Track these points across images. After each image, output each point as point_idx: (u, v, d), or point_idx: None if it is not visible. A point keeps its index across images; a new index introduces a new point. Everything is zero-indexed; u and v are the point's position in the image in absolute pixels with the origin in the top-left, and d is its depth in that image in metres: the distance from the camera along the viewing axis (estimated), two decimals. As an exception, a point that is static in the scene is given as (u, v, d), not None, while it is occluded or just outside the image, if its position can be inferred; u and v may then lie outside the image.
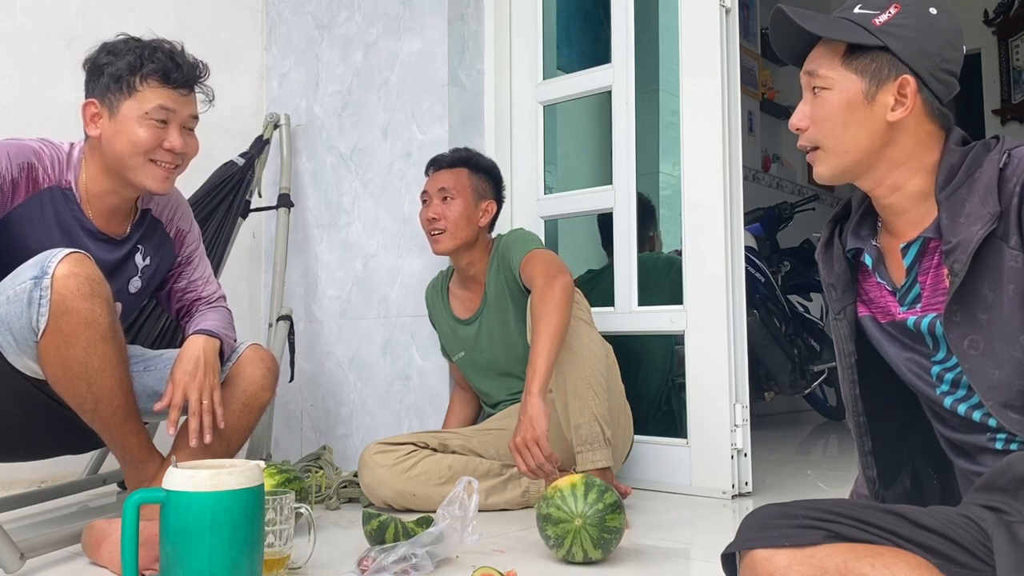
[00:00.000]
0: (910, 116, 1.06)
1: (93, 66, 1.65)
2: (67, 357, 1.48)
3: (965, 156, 1.06)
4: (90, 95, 1.65)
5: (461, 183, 2.26)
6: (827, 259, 1.20)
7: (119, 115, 1.62)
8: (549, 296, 1.95)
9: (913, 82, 1.05)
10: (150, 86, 1.63)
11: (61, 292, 1.44)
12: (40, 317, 1.45)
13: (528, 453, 1.81)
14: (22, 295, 1.46)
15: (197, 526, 1.22)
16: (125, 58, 1.63)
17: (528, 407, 1.84)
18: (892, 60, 1.06)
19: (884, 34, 1.06)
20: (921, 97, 1.06)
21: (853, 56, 1.08)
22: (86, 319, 1.47)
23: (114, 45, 1.66)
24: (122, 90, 1.62)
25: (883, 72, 1.06)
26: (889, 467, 1.20)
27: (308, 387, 2.87)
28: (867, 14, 1.08)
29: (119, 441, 1.61)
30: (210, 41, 2.94)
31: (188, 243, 1.88)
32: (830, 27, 1.09)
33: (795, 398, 4.32)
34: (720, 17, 2.32)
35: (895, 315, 1.12)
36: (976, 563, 0.93)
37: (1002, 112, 5.50)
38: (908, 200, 1.09)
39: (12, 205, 1.58)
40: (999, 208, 1.00)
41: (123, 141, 1.63)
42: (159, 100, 1.63)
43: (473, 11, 2.69)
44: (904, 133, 1.07)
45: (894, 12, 1.07)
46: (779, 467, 2.85)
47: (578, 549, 1.54)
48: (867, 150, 1.08)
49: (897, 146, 1.08)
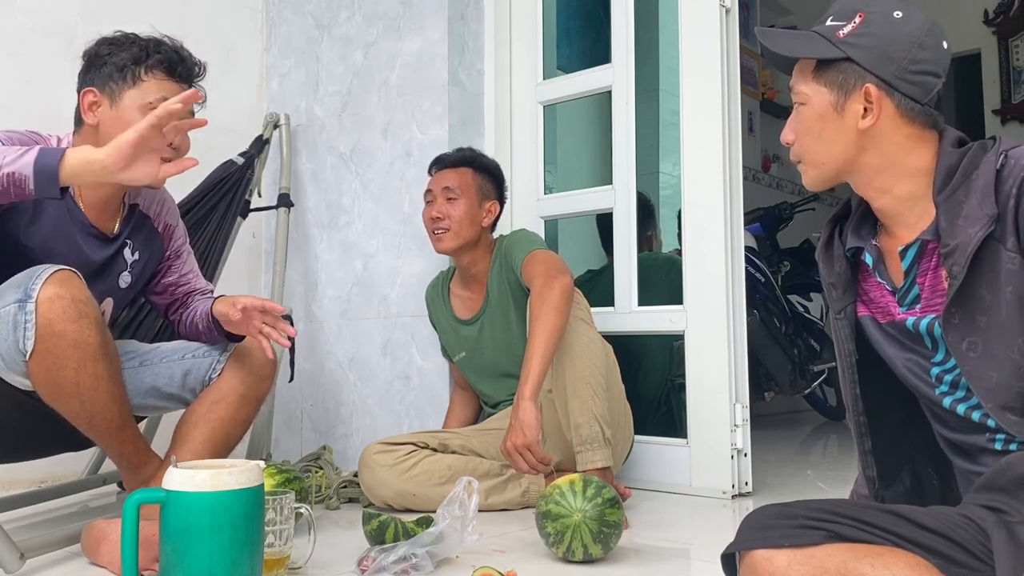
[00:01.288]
0: (883, 121, 1.08)
1: (94, 56, 1.65)
2: (57, 377, 1.47)
3: (962, 157, 1.06)
4: (88, 84, 1.64)
5: (465, 183, 2.26)
6: (827, 258, 1.20)
7: (121, 104, 1.62)
8: (547, 297, 1.96)
9: (875, 89, 1.06)
10: (155, 77, 1.64)
11: (47, 316, 1.43)
12: (27, 340, 1.44)
13: (519, 457, 1.84)
14: (7, 318, 1.44)
15: (197, 526, 1.22)
16: (130, 49, 1.63)
17: (520, 411, 1.85)
18: (856, 69, 1.08)
19: (846, 45, 1.08)
20: (892, 102, 1.07)
21: (822, 70, 1.10)
22: (74, 341, 1.46)
23: (115, 39, 1.66)
24: (125, 79, 1.62)
25: (849, 82, 1.08)
26: (889, 467, 1.20)
27: (308, 387, 2.87)
28: (834, 26, 1.10)
29: (115, 449, 1.62)
30: (210, 41, 2.93)
31: (176, 237, 1.88)
32: (797, 45, 1.13)
33: (795, 398, 4.32)
34: (720, 17, 2.32)
35: (895, 315, 1.13)
36: (976, 563, 0.93)
37: (1002, 112, 5.50)
38: (899, 203, 1.10)
39: None
40: (996, 210, 1.00)
41: (123, 129, 1.61)
42: (162, 91, 1.63)
43: (473, 11, 2.69)
44: (880, 138, 1.08)
45: (858, 22, 1.08)
46: (779, 467, 2.85)
47: (578, 545, 1.54)
48: (843, 159, 1.11)
49: (875, 151, 1.09)
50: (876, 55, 1.06)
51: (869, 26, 1.07)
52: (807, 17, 4.74)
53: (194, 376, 1.74)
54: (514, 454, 1.84)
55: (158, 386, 1.75)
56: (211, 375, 1.73)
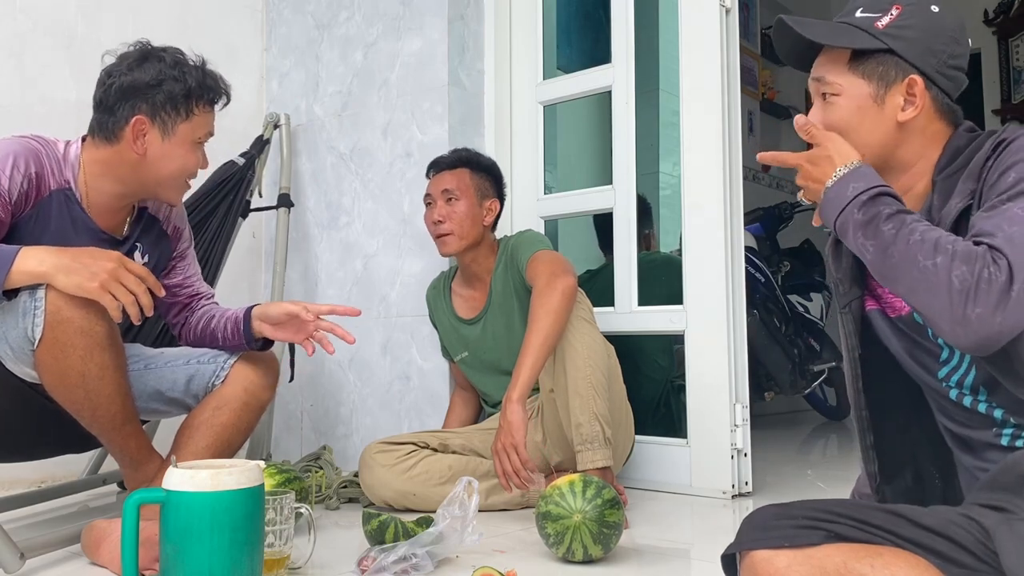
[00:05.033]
0: (921, 115, 1.08)
1: (142, 84, 1.59)
2: (64, 366, 1.48)
3: (970, 142, 1.07)
4: (136, 111, 1.59)
5: (464, 183, 2.26)
6: (836, 254, 1.21)
7: (174, 137, 1.62)
8: (546, 298, 1.96)
9: (921, 81, 1.06)
10: (204, 111, 1.66)
11: (56, 302, 1.44)
12: (35, 327, 1.44)
13: (505, 457, 1.84)
14: (16, 305, 1.45)
15: (197, 526, 1.22)
16: (183, 81, 1.61)
17: (507, 413, 1.87)
18: (898, 61, 1.07)
19: (888, 36, 1.07)
20: (930, 95, 1.08)
21: (859, 60, 1.09)
22: (82, 328, 1.47)
23: (151, 56, 1.62)
24: (180, 113, 1.61)
25: (890, 74, 1.07)
26: (890, 463, 1.20)
27: (308, 387, 2.87)
28: (869, 17, 1.09)
29: (117, 444, 1.62)
30: (210, 41, 2.93)
31: (183, 240, 1.88)
32: (834, 34, 1.11)
33: (795, 398, 4.32)
34: (720, 17, 2.32)
35: (902, 309, 1.13)
36: (976, 563, 0.92)
37: (1002, 112, 5.50)
38: (916, 200, 1.11)
39: (20, 213, 1.57)
40: (976, 185, 1.01)
41: (175, 164, 1.63)
42: (208, 126, 1.67)
43: (473, 11, 2.69)
44: (914, 133, 1.08)
45: (896, 14, 1.07)
46: (779, 467, 2.85)
47: (578, 546, 1.54)
48: (880, 152, 1.10)
49: (908, 147, 1.09)
50: (919, 48, 1.06)
51: (910, 18, 1.07)
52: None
53: (198, 381, 1.73)
54: (501, 454, 1.85)
55: (161, 390, 1.75)
56: (215, 381, 1.73)
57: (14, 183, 1.53)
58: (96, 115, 1.64)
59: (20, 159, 1.54)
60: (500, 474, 1.87)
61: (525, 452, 1.85)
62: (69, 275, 1.43)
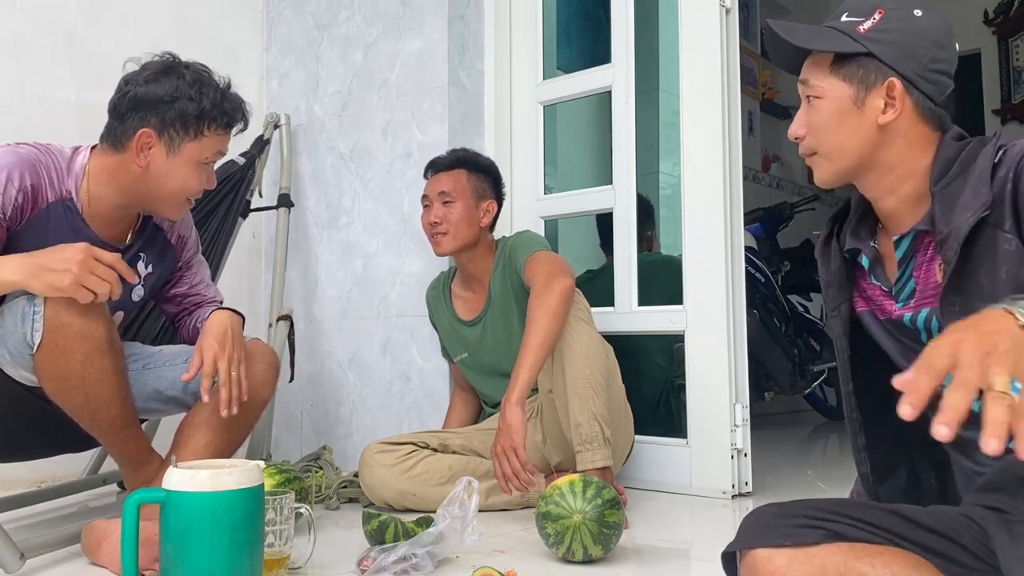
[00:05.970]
0: (901, 118, 1.08)
1: (156, 97, 1.57)
2: (64, 371, 1.48)
3: (961, 151, 1.07)
4: (144, 123, 1.57)
5: (460, 185, 2.26)
6: (825, 256, 1.21)
7: (179, 155, 1.59)
8: (544, 300, 1.96)
9: (900, 84, 1.07)
10: (216, 133, 1.62)
11: (54, 307, 1.43)
12: (35, 332, 1.44)
13: (505, 459, 1.84)
14: (16, 310, 1.45)
15: (197, 526, 1.22)
16: (198, 100, 1.58)
17: (506, 415, 1.87)
18: (878, 65, 1.08)
19: (868, 40, 1.08)
20: (911, 99, 1.08)
21: (840, 64, 1.10)
22: (81, 333, 1.46)
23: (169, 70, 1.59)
24: (188, 132, 1.59)
25: (870, 77, 1.08)
26: (883, 463, 1.20)
27: (308, 387, 2.87)
28: (852, 22, 1.10)
29: (117, 447, 1.62)
30: (210, 41, 2.94)
31: (188, 248, 1.86)
32: (816, 39, 1.12)
33: (795, 398, 4.32)
34: (720, 17, 2.32)
35: (891, 312, 1.13)
36: (976, 563, 0.93)
37: (1002, 112, 5.50)
38: (903, 202, 1.11)
39: (16, 226, 1.54)
40: (991, 196, 1.00)
41: (176, 183, 1.61)
42: (218, 147, 1.64)
43: (473, 11, 2.69)
44: (896, 135, 1.09)
45: (878, 18, 1.09)
46: (779, 467, 2.85)
47: (578, 546, 1.54)
48: (860, 154, 1.10)
49: (890, 148, 1.09)
50: (898, 51, 1.07)
51: (891, 22, 1.08)
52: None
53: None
54: (500, 457, 1.85)
55: (160, 389, 1.74)
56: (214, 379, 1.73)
57: (8, 197, 1.50)
58: (109, 120, 1.62)
59: (15, 172, 1.51)
60: (500, 477, 1.87)
61: (525, 454, 1.85)
62: (40, 278, 1.41)
